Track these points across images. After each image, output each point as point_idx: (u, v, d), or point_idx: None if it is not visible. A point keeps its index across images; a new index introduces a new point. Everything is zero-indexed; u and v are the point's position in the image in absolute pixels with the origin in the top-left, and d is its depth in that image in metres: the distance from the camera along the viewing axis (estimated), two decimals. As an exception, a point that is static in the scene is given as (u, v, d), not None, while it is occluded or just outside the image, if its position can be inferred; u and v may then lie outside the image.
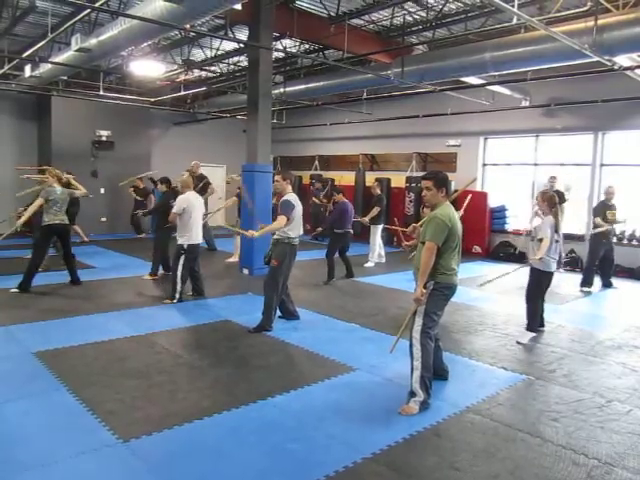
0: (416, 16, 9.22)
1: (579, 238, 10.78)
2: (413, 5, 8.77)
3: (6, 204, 11.40)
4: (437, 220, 3.79)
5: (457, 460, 3.18)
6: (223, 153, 16.62)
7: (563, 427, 3.65)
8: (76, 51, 8.11)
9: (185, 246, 6.82)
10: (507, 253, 11.60)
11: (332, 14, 9.06)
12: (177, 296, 6.82)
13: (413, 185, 12.54)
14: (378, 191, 10.46)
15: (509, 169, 12.46)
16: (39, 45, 8.23)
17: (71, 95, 12.71)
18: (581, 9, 7.03)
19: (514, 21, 6.78)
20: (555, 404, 4.05)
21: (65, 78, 11.65)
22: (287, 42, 10.82)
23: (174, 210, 6.85)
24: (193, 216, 6.82)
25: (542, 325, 6.03)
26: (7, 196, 12.42)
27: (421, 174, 5.57)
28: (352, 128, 14.67)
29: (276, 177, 5.95)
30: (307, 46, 10.96)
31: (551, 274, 5.73)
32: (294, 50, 10.99)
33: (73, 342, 5.09)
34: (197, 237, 6.92)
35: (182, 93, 13.07)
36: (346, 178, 14.65)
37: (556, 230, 5.63)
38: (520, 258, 10.55)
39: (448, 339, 5.45)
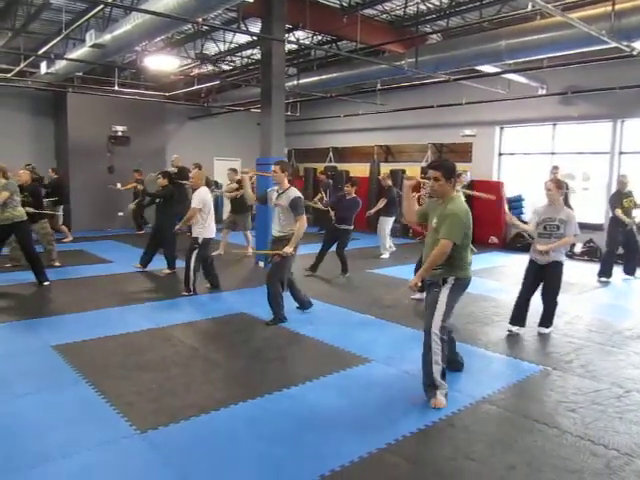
0: (430, 5, 9.11)
1: (597, 227, 10.63)
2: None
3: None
4: (457, 217, 3.64)
5: (473, 451, 3.17)
6: (238, 146, 16.66)
7: (581, 418, 3.62)
8: (91, 47, 8.16)
9: (200, 240, 6.84)
10: (524, 244, 11.46)
11: (344, 4, 9.00)
12: (192, 287, 6.86)
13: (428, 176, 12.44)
14: (389, 182, 10.40)
15: (526, 158, 12.32)
16: (54, 42, 8.29)
17: (87, 91, 12.83)
18: (598, -6, 6.90)
19: (529, 8, 6.71)
20: (572, 395, 4.01)
21: (80, 74, 11.74)
22: (300, 34, 10.77)
23: (194, 205, 6.81)
24: (206, 210, 6.84)
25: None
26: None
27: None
28: (366, 119, 14.58)
29: (274, 167, 5.57)
30: (320, 38, 10.91)
31: None
32: (307, 42, 10.94)
33: (91, 335, 5.16)
34: (212, 231, 6.94)
35: (196, 87, 13.08)
36: (361, 170, 14.60)
37: None
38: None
39: (464, 330, 5.43)
